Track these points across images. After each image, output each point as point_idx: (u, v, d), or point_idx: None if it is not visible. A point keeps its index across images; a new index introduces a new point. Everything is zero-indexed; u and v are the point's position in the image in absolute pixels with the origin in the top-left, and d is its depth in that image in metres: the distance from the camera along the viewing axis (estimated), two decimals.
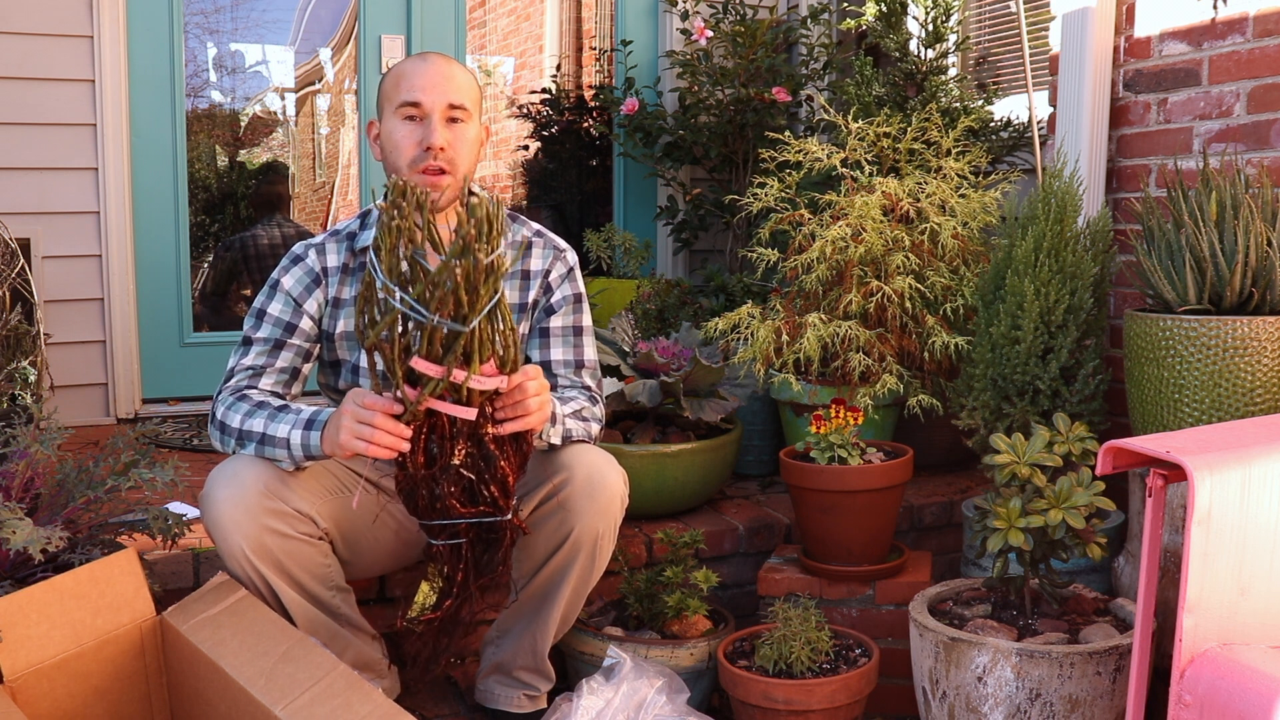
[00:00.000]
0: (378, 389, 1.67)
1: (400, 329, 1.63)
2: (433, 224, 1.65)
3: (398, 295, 1.60)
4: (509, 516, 1.75)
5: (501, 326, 1.66)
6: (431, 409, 1.65)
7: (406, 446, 1.66)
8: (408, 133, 1.95)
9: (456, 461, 1.69)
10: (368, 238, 2.01)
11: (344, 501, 1.93)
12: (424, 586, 1.89)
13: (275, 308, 1.98)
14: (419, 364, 1.62)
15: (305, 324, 1.99)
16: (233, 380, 1.93)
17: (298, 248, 2.03)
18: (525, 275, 2.06)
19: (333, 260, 2.01)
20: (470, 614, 1.83)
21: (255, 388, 1.93)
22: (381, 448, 1.65)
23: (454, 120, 1.95)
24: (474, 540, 1.76)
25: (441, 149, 1.93)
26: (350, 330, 2.01)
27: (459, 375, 1.63)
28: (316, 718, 1.57)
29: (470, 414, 1.66)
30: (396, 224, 1.60)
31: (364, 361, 2.00)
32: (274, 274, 2.01)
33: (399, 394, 1.64)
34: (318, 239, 2.03)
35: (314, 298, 2.00)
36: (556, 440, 1.92)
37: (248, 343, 1.96)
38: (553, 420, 1.89)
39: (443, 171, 1.94)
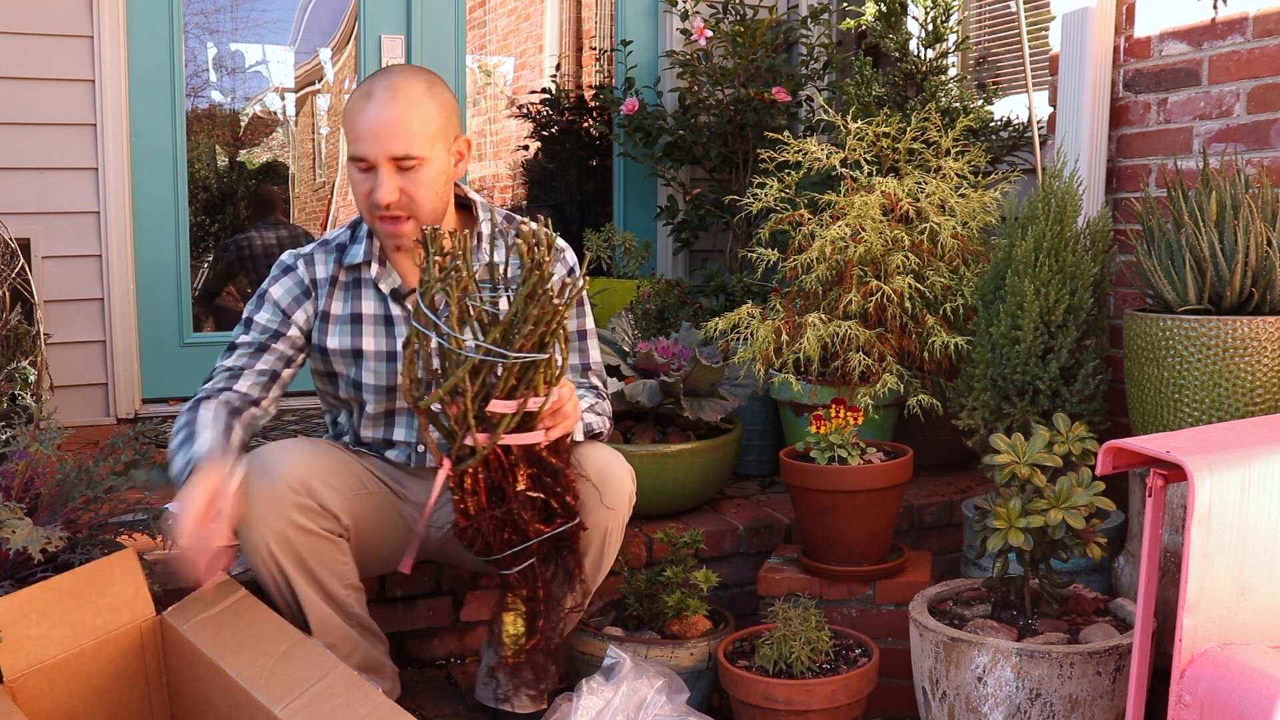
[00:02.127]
0: (438, 456, 1.67)
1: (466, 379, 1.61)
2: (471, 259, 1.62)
3: (472, 343, 1.57)
4: (578, 519, 1.75)
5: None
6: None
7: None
8: (360, 181, 1.93)
9: (523, 487, 1.70)
10: (358, 252, 2.01)
11: (363, 500, 1.95)
12: (507, 618, 1.83)
13: (263, 317, 2.01)
14: (497, 405, 1.60)
15: (293, 332, 2.01)
16: (210, 381, 1.96)
17: (286, 257, 2.05)
18: None
19: (321, 272, 2.02)
20: (560, 620, 1.82)
21: (230, 389, 1.95)
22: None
23: (404, 169, 1.90)
24: (543, 555, 1.76)
25: (389, 204, 1.90)
26: (345, 348, 2.02)
27: (534, 403, 1.62)
28: (316, 718, 1.57)
29: (539, 437, 1.66)
30: (445, 281, 1.57)
31: (365, 378, 2.01)
32: (264, 284, 2.04)
33: (471, 440, 1.62)
34: (306, 249, 2.05)
35: (303, 309, 2.02)
36: (580, 437, 1.94)
37: (233, 347, 2.00)
38: None
39: (398, 219, 1.93)
